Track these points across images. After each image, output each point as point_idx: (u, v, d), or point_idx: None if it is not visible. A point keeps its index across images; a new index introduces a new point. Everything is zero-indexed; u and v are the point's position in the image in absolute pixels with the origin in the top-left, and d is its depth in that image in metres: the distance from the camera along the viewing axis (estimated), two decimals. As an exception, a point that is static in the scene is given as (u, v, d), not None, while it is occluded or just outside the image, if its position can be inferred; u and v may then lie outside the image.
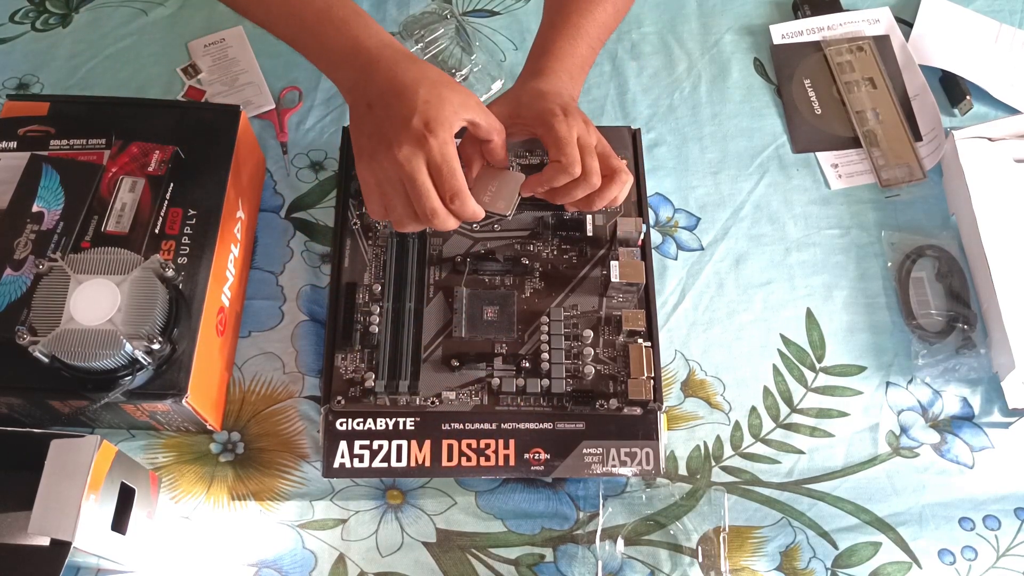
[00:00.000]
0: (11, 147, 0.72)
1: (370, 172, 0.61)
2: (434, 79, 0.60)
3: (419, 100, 0.59)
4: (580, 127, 0.66)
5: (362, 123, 0.61)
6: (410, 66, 0.61)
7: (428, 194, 0.59)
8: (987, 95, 0.87)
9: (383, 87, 0.60)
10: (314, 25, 0.63)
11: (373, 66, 0.61)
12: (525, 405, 0.69)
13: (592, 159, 0.66)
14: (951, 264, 0.79)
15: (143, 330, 0.60)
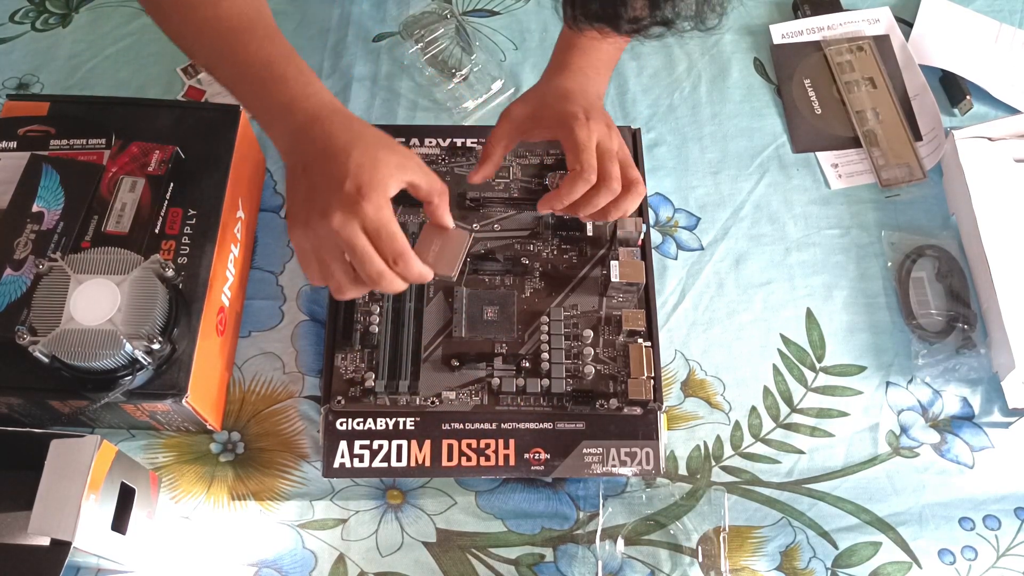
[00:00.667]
0: (11, 147, 0.72)
1: (304, 239, 0.58)
2: (369, 141, 0.58)
3: (351, 163, 0.56)
4: (602, 131, 0.65)
5: (296, 186, 0.58)
6: (346, 127, 0.59)
7: (371, 258, 0.57)
8: (987, 95, 0.87)
9: (318, 149, 0.58)
10: (254, 79, 0.61)
11: (309, 127, 0.58)
12: (525, 405, 0.69)
13: (612, 164, 0.65)
14: (951, 264, 0.79)
15: (143, 330, 0.60)
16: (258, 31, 0.62)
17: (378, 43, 0.90)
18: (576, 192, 0.65)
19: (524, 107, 0.70)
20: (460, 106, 0.86)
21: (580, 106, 0.66)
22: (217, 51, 0.62)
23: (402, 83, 0.88)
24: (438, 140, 0.79)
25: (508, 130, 0.70)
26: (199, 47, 0.63)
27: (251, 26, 0.62)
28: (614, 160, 0.65)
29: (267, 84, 0.60)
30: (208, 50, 0.62)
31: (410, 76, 0.88)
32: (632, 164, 0.68)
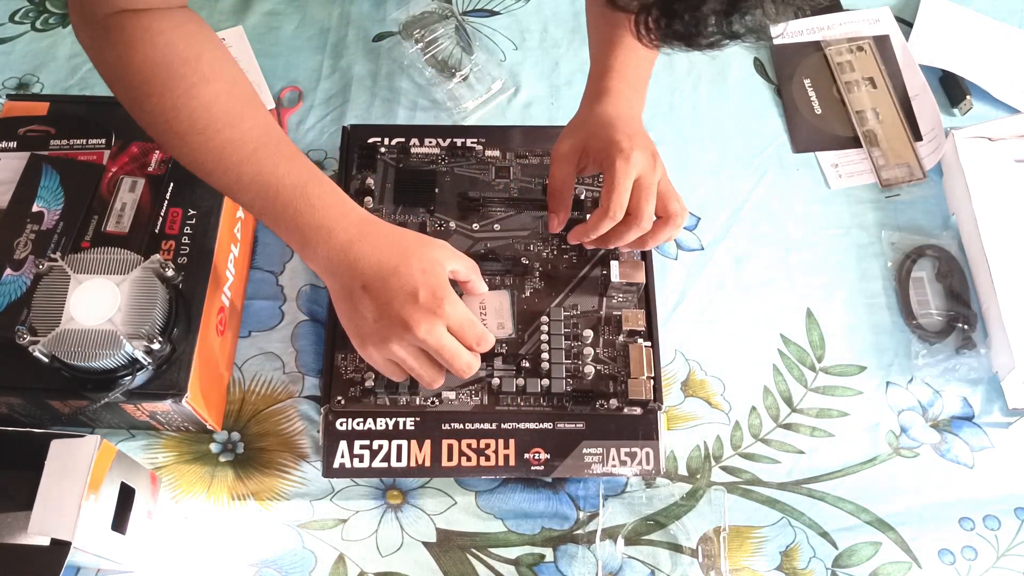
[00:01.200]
0: (11, 147, 0.72)
1: (386, 353, 0.60)
2: (415, 245, 0.60)
3: (415, 272, 0.58)
4: (644, 163, 0.65)
5: (359, 306, 0.59)
6: (390, 240, 0.60)
7: (460, 353, 0.60)
8: (987, 95, 0.87)
9: (371, 267, 0.58)
10: (287, 202, 0.59)
11: (354, 246, 0.59)
12: (525, 405, 0.69)
13: (647, 201, 0.65)
14: (951, 264, 0.79)
15: (143, 330, 0.60)
16: (283, 149, 0.60)
17: (378, 43, 0.90)
18: (601, 228, 0.66)
19: (572, 141, 0.69)
20: (460, 106, 0.86)
21: (625, 134, 0.65)
22: (243, 174, 0.59)
23: (402, 83, 0.88)
24: (438, 140, 0.79)
25: (564, 171, 0.70)
26: (221, 171, 0.59)
27: (275, 145, 0.60)
28: (650, 196, 0.65)
29: (302, 206, 0.59)
30: (232, 174, 0.59)
31: (410, 76, 0.88)
32: (673, 195, 0.67)
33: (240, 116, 0.59)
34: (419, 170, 0.78)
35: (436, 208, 0.76)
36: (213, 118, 0.58)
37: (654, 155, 0.66)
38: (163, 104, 0.57)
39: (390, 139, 0.79)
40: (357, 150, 0.78)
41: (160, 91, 0.57)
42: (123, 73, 0.57)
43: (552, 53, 0.91)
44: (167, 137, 0.59)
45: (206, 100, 0.58)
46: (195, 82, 0.57)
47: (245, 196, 0.60)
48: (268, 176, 0.59)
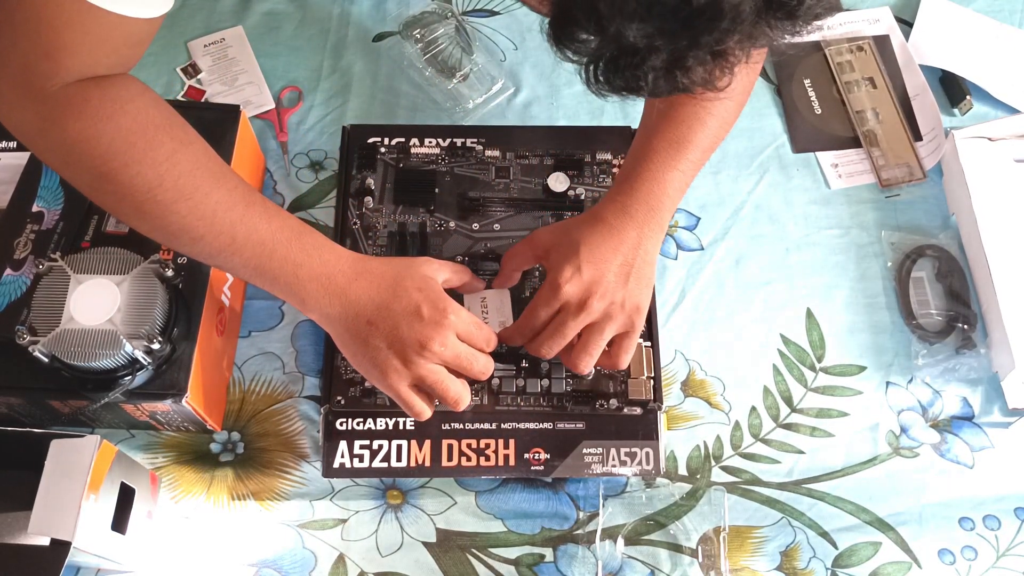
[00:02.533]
0: (11, 147, 0.72)
1: (407, 379, 0.61)
2: (403, 267, 0.61)
3: (412, 291, 0.60)
4: (569, 301, 0.62)
5: (369, 340, 0.60)
6: (381, 272, 0.61)
7: (475, 357, 0.62)
8: (987, 95, 0.87)
9: (372, 303, 0.60)
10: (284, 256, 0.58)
11: (351, 286, 0.60)
12: (525, 405, 0.69)
13: (551, 340, 0.63)
14: (951, 264, 0.79)
15: (143, 330, 0.60)
16: (268, 206, 0.59)
17: (378, 43, 0.90)
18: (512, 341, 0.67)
19: (548, 237, 0.66)
20: (460, 106, 0.86)
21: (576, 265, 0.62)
22: (237, 235, 0.57)
23: (402, 83, 0.88)
24: (438, 140, 0.79)
25: (524, 253, 0.68)
26: (213, 235, 0.57)
27: (261, 202, 0.59)
28: (554, 335, 0.63)
29: (300, 258, 0.59)
30: (226, 237, 0.57)
31: (410, 76, 0.88)
32: (625, 351, 0.65)
33: (223, 177, 0.58)
34: (419, 170, 0.78)
35: (436, 208, 0.76)
36: (200, 182, 0.56)
37: (587, 296, 0.62)
38: (144, 173, 0.54)
39: (390, 139, 0.79)
40: (357, 150, 0.78)
41: (139, 159, 0.54)
42: (91, 146, 0.53)
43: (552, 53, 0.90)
44: (148, 207, 0.55)
45: (189, 165, 0.56)
46: (175, 148, 0.55)
47: (238, 258, 0.58)
48: (263, 233, 0.58)
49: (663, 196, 0.64)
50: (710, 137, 0.65)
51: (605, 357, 0.66)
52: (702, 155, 0.66)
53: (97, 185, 0.55)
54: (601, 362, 0.66)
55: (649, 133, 0.65)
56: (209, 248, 0.58)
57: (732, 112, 0.67)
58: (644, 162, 0.64)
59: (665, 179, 0.64)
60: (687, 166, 0.65)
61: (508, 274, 0.70)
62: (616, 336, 0.65)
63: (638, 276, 0.64)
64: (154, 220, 0.56)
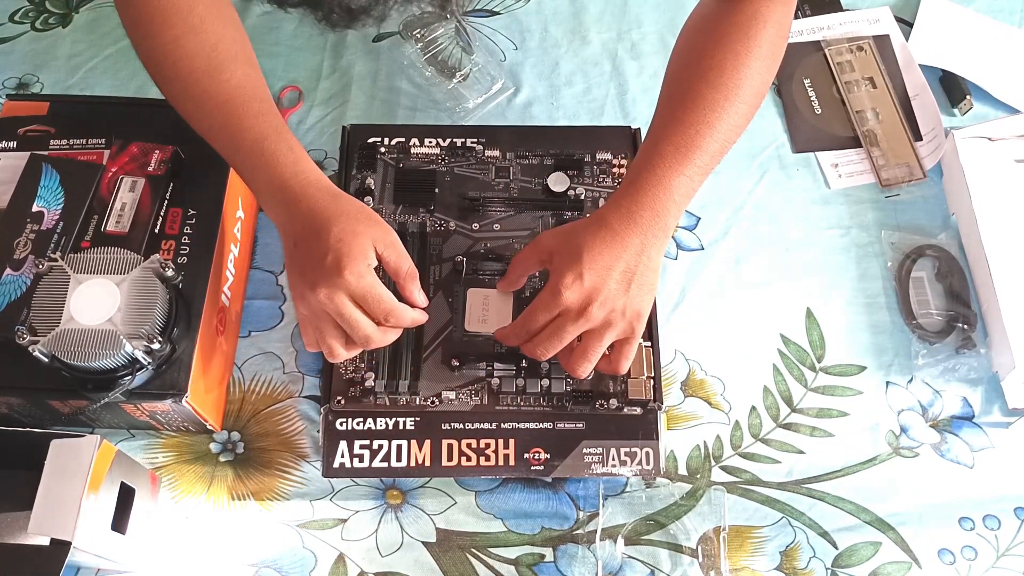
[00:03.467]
0: (11, 147, 0.72)
1: (303, 309, 0.62)
2: (351, 213, 0.61)
3: (332, 238, 0.59)
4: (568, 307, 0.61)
5: (292, 261, 0.62)
6: (329, 204, 0.61)
7: (358, 323, 0.60)
8: (987, 95, 0.87)
9: (304, 226, 0.60)
10: (248, 155, 0.62)
11: (296, 204, 0.61)
12: (525, 405, 0.69)
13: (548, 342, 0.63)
14: (951, 264, 0.79)
15: (143, 330, 0.60)
16: (252, 106, 0.63)
17: (378, 43, 0.90)
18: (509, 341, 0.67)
19: (553, 240, 0.65)
20: (460, 106, 0.86)
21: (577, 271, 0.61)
22: (214, 124, 0.63)
23: (402, 83, 0.88)
24: (438, 140, 0.79)
25: (530, 257, 0.67)
26: (198, 118, 0.63)
27: (247, 100, 0.63)
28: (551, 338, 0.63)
29: (259, 161, 0.62)
30: (207, 122, 0.63)
31: (410, 76, 0.88)
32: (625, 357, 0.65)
33: (219, 68, 0.62)
34: (419, 170, 0.78)
35: (436, 208, 0.76)
36: (194, 68, 0.62)
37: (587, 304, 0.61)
38: (152, 48, 0.62)
39: (390, 139, 0.79)
40: (357, 150, 0.78)
41: (153, 34, 0.62)
42: (127, 9, 0.63)
43: (552, 53, 0.91)
44: (156, 79, 0.64)
45: (190, 50, 0.62)
46: (183, 31, 0.62)
47: (216, 145, 0.63)
48: (233, 129, 0.62)
49: (668, 201, 0.63)
50: (719, 142, 0.64)
51: (604, 362, 0.65)
52: (711, 160, 0.64)
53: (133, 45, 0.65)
54: (600, 367, 0.65)
55: (657, 137, 0.64)
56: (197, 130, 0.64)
57: (743, 116, 0.66)
58: (650, 166, 0.63)
59: (671, 184, 0.62)
60: (694, 171, 0.63)
61: (514, 279, 0.70)
62: (616, 342, 0.64)
63: (640, 283, 0.63)
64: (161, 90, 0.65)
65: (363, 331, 0.61)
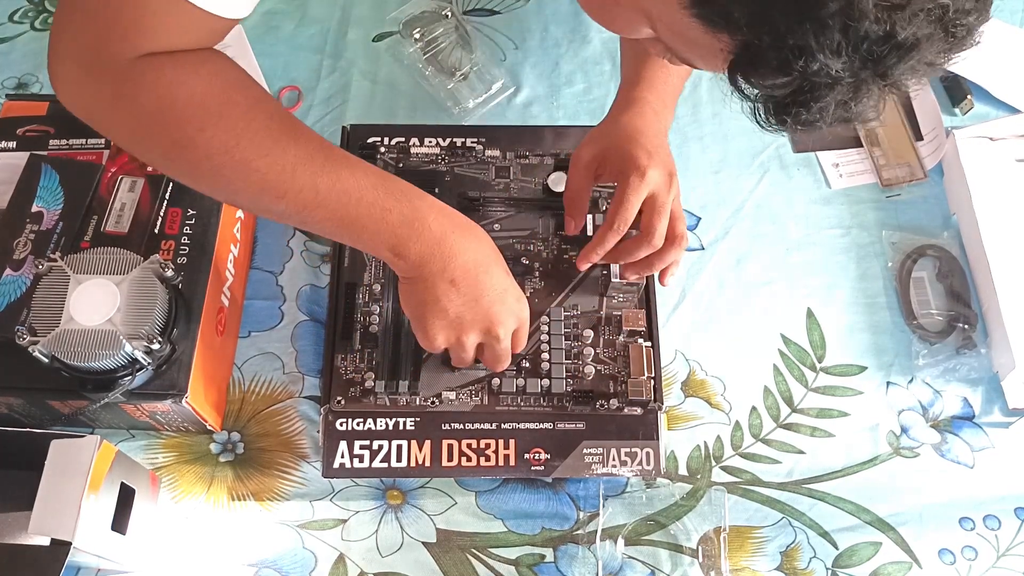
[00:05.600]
0: (10, 147, 0.72)
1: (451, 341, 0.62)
2: (493, 246, 0.62)
3: (503, 274, 0.61)
4: (659, 181, 0.66)
5: (442, 297, 0.59)
6: (477, 235, 0.60)
7: (507, 357, 0.65)
8: (988, 95, 0.87)
9: (470, 263, 0.59)
10: (373, 202, 0.56)
11: (451, 239, 0.58)
12: (525, 405, 0.69)
13: (658, 219, 0.66)
14: (952, 264, 0.79)
15: (143, 330, 0.60)
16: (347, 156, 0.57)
17: (378, 43, 0.90)
18: (607, 243, 0.68)
19: (592, 149, 0.69)
20: (460, 106, 0.86)
21: (645, 150, 0.66)
22: (319, 187, 0.55)
23: (402, 83, 0.88)
24: (438, 140, 0.79)
25: (581, 177, 0.71)
26: (296, 191, 0.54)
27: (339, 154, 0.57)
28: (662, 214, 0.66)
29: (389, 203, 0.56)
30: (309, 191, 0.55)
31: (410, 76, 0.88)
32: (682, 218, 0.69)
33: (298, 131, 0.56)
34: (419, 170, 0.77)
35: (436, 208, 0.76)
36: (277, 138, 0.54)
37: (671, 175, 0.67)
38: (219, 135, 0.53)
39: (390, 139, 0.79)
40: (357, 150, 0.78)
41: (215, 122, 0.53)
42: (165, 115, 0.52)
43: (552, 53, 0.91)
44: (227, 170, 0.54)
45: (264, 122, 0.54)
46: (250, 106, 0.54)
47: (322, 212, 0.56)
48: (347, 182, 0.55)
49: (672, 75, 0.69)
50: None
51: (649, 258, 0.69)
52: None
53: (173, 154, 0.54)
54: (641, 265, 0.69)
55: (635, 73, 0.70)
56: (294, 204, 0.55)
57: None
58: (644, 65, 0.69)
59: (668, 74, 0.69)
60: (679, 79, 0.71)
61: (581, 209, 0.72)
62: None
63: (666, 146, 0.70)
64: (235, 182, 0.55)
65: (507, 362, 0.66)
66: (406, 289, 0.61)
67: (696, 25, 0.40)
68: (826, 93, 0.40)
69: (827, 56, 0.37)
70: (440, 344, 0.62)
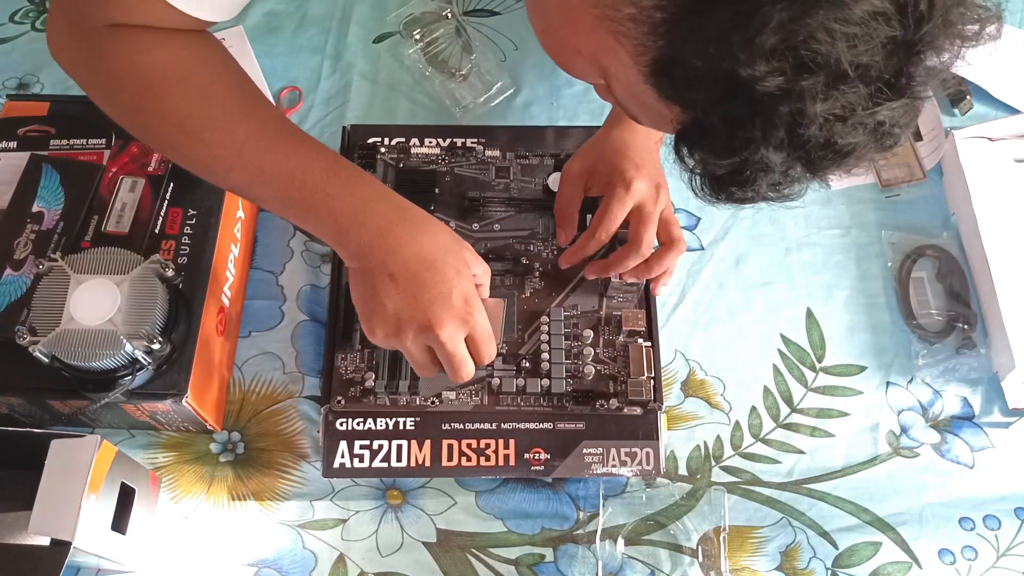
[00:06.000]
0: (11, 147, 0.72)
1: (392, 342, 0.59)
2: (450, 242, 0.59)
3: (451, 271, 0.57)
4: (643, 193, 0.67)
5: (380, 292, 0.57)
6: (424, 229, 0.58)
7: (467, 363, 0.59)
8: (987, 95, 0.87)
9: (409, 257, 0.56)
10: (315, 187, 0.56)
11: (394, 231, 0.57)
12: (525, 405, 0.69)
13: (645, 229, 0.67)
14: (951, 264, 0.79)
15: (143, 330, 0.60)
16: (302, 137, 0.58)
17: (378, 43, 0.90)
18: (587, 250, 0.69)
19: (582, 161, 0.71)
20: (460, 106, 0.86)
21: (633, 162, 0.67)
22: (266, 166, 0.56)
23: (402, 83, 0.88)
24: (438, 140, 0.79)
25: (571, 188, 0.72)
26: (241, 166, 0.56)
27: (294, 133, 0.58)
28: (647, 225, 0.67)
29: (333, 188, 0.56)
30: (254, 168, 0.56)
31: (410, 76, 0.88)
32: (676, 222, 0.70)
33: (256, 107, 0.57)
34: (419, 170, 0.78)
35: (436, 208, 0.76)
36: (230, 111, 0.56)
37: (659, 186, 0.68)
38: (176, 104, 0.55)
39: (390, 139, 0.79)
40: (357, 150, 0.78)
41: (173, 89, 0.55)
42: (129, 78, 0.55)
43: (552, 54, 0.91)
44: (179, 139, 0.56)
45: (220, 96, 0.56)
46: (211, 80, 0.56)
47: (268, 190, 0.57)
48: (295, 163, 0.56)
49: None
50: None
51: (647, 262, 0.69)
52: None
53: (134, 118, 0.57)
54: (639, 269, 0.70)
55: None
56: (238, 180, 0.57)
57: None
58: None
59: None
60: None
61: (571, 220, 0.72)
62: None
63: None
64: (186, 151, 0.57)
65: (469, 370, 0.59)
66: (352, 279, 0.59)
67: (651, 92, 0.41)
68: (761, 177, 0.41)
69: (770, 150, 0.39)
70: (380, 340, 0.59)
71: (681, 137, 0.42)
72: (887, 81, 0.38)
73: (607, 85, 0.46)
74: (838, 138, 0.38)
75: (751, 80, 0.36)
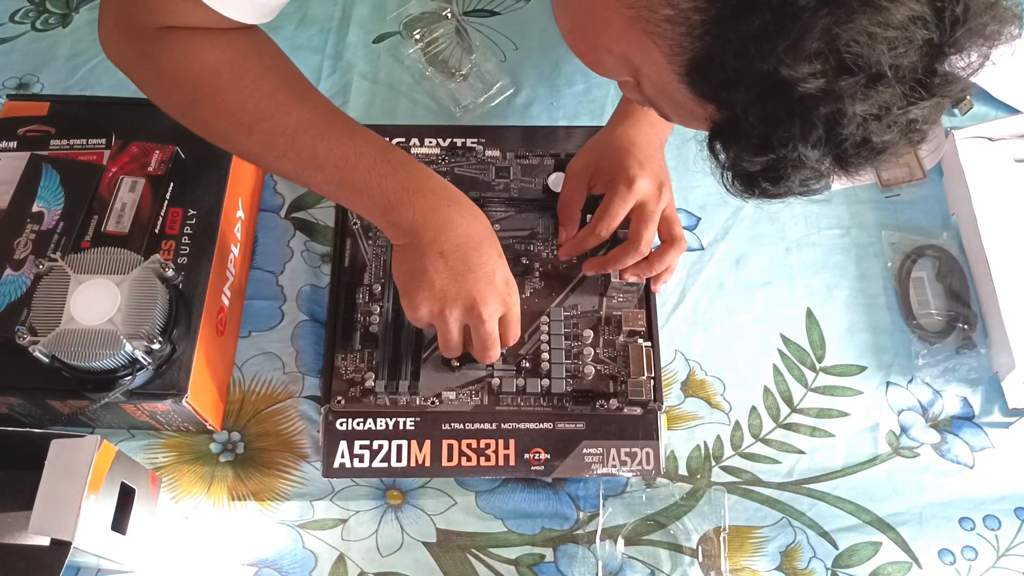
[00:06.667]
0: (11, 147, 0.72)
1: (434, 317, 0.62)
2: (490, 227, 0.62)
3: (496, 254, 0.61)
4: (646, 191, 0.68)
5: (429, 269, 0.60)
6: (476, 212, 0.61)
7: (497, 344, 0.64)
8: (987, 95, 0.87)
9: (461, 236, 0.60)
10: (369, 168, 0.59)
11: (446, 211, 0.59)
12: (525, 405, 0.69)
13: (645, 228, 0.68)
14: (951, 264, 0.79)
15: (143, 330, 0.60)
16: (352, 124, 0.60)
17: (378, 43, 0.90)
18: (586, 245, 0.71)
19: (586, 159, 0.72)
20: (460, 106, 0.86)
21: (636, 160, 0.68)
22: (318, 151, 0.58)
23: (402, 83, 0.88)
24: (438, 140, 0.79)
25: (574, 186, 0.73)
26: (295, 152, 0.58)
27: (344, 120, 0.60)
28: (648, 223, 0.68)
29: (385, 169, 0.59)
30: (307, 153, 0.58)
31: (410, 76, 0.88)
32: (677, 221, 0.71)
33: (306, 97, 0.60)
34: (419, 170, 0.77)
35: (436, 208, 0.76)
36: (281, 103, 0.58)
37: (662, 185, 0.68)
38: (228, 100, 0.57)
39: (390, 139, 0.78)
40: (357, 150, 0.78)
41: (227, 86, 0.57)
42: (181, 79, 0.57)
43: (552, 53, 0.91)
44: (233, 131, 0.59)
45: (271, 88, 0.58)
46: (260, 72, 0.58)
47: (321, 175, 0.59)
48: (347, 147, 0.59)
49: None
50: None
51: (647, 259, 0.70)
52: None
53: (188, 113, 0.59)
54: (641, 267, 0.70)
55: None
56: (292, 166, 0.59)
57: None
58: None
59: None
60: None
61: (573, 219, 0.73)
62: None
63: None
64: (241, 142, 0.59)
65: (496, 351, 0.64)
66: (398, 256, 0.62)
67: (685, 91, 0.41)
68: (794, 174, 0.42)
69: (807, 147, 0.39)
70: (423, 315, 0.62)
71: (715, 134, 0.43)
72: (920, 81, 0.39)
73: (636, 83, 0.46)
74: (873, 136, 0.39)
75: (792, 81, 0.36)
